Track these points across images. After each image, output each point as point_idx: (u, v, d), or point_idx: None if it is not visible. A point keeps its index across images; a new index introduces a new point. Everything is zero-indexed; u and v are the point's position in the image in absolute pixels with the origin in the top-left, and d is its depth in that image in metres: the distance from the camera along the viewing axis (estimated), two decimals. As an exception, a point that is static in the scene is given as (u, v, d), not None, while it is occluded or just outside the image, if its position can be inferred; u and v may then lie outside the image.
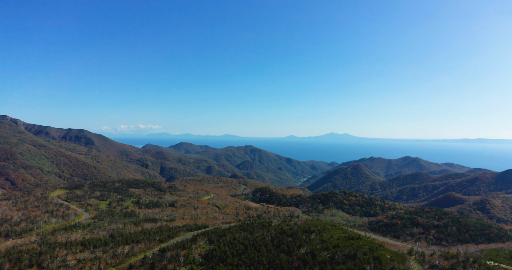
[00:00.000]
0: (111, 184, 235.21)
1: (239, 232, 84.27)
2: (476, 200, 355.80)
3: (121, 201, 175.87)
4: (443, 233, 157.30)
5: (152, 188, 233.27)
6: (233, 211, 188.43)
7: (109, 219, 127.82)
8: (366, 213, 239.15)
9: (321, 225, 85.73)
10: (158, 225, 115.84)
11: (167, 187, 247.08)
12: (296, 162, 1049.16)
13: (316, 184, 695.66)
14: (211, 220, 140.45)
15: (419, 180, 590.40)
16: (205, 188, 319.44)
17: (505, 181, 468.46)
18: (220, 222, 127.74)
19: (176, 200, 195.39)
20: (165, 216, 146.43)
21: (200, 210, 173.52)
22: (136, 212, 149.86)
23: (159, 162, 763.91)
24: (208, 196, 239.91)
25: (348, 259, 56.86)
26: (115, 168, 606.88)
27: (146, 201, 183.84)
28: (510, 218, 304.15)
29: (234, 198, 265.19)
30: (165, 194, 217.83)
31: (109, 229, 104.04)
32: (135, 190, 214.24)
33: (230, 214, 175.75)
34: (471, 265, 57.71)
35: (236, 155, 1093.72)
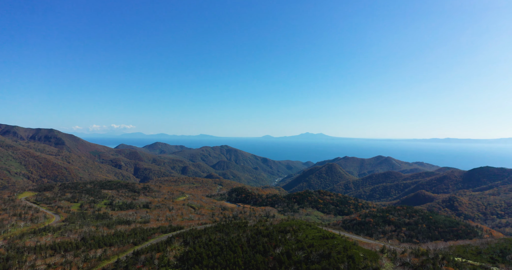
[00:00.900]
0: (82, 185, 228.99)
1: (214, 233, 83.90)
2: (445, 198, 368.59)
3: (93, 203, 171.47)
4: (414, 230, 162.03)
5: (126, 189, 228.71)
6: (209, 212, 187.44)
7: (80, 221, 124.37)
8: (340, 211, 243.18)
9: (296, 225, 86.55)
10: (132, 227, 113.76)
11: (141, 188, 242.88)
12: (272, 161, 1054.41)
13: (292, 184, 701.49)
14: (186, 221, 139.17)
15: (391, 179, 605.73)
16: (180, 189, 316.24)
17: (471, 179, 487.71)
18: (196, 223, 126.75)
19: (150, 201, 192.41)
20: (139, 218, 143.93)
21: (175, 211, 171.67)
22: (109, 214, 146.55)
23: (133, 163, 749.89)
24: (184, 197, 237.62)
25: (323, 259, 57.70)
26: (87, 169, 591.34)
27: (120, 202, 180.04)
28: (477, 215, 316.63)
29: (210, 199, 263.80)
30: (139, 195, 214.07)
31: (81, 232, 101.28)
32: (108, 192, 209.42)
33: (206, 215, 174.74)
34: (440, 262, 59.72)
35: (212, 155, 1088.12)
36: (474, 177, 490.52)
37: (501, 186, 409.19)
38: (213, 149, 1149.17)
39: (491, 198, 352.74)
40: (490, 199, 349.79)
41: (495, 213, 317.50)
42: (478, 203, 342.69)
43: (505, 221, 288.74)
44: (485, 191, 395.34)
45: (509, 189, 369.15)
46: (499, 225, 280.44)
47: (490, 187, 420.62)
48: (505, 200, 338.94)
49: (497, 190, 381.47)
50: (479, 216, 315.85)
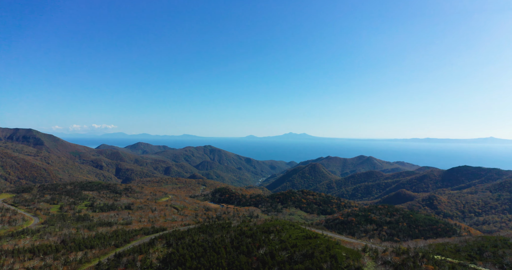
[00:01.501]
0: (62, 186, 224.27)
1: (198, 234, 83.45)
2: (425, 196, 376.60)
3: (74, 205, 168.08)
4: (395, 229, 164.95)
5: (107, 190, 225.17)
6: (192, 213, 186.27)
7: (60, 224, 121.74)
8: (323, 211, 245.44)
9: (280, 225, 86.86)
10: (114, 229, 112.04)
11: (123, 189, 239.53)
12: (255, 162, 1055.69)
13: (275, 184, 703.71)
14: (169, 223, 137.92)
15: (372, 178, 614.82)
16: (163, 190, 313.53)
17: (450, 178, 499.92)
18: (179, 224, 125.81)
19: (132, 202, 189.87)
20: (121, 219, 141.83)
21: (158, 212, 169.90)
22: (90, 216, 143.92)
23: (115, 163, 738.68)
24: (167, 198, 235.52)
25: (306, 258, 58.12)
26: (67, 170, 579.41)
27: (101, 204, 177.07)
28: (456, 213, 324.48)
29: (193, 199, 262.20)
30: (121, 196, 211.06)
31: (61, 234, 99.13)
32: (89, 193, 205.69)
33: (189, 216, 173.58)
34: (420, 260, 60.96)
35: (195, 155, 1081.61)
36: (453, 176, 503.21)
37: (478, 185, 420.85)
38: (197, 149, 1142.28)
39: (469, 197, 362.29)
40: (468, 198, 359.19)
41: (473, 211, 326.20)
42: (456, 201, 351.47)
43: (483, 219, 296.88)
44: (463, 190, 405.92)
45: (486, 188, 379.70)
46: (477, 223, 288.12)
47: (468, 186, 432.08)
48: (482, 198, 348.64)
49: (475, 189, 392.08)
50: (457, 214, 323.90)
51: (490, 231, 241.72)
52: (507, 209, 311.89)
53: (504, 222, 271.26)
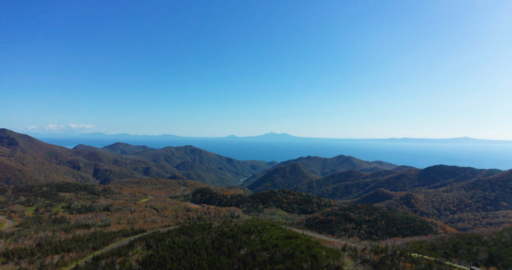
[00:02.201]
0: (38, 188, 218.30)
1: (178, 236, 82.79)
2: (402, 195, 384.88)
3: (50, 207, 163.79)
4: (374, 227, 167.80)
5: (85, 192, 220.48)
6: (173, 214, 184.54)
7: (36, 226, 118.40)
8: (303, 210, 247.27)
9: (261, 225, 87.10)
10: (92, 231, 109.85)
11: (102, 190, 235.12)
12: (236, 161, 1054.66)
13: (256, 183, 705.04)
14: (149, 224, 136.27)
15: (352, 178, 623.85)
16: (142, 190, 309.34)
17: (426, 177, 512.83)
18: (159, 226, 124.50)
19: (111, 203, 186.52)
20: (99, 221, 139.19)
21: (138, 214, 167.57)
22: (67, 218, 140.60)
23: (93, 164, 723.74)
24: (146, 199, 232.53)
25: (287, 258, 58.50)
26: (43, 171, 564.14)
27: (78, 205, 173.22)
28: (432, 211, 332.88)
29: (173, 200, 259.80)
30: (99, 198, 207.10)
31: (36, 237, 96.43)
32: (66, 194, 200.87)
33: (170, 217, 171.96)
34: (398, 258, 62.35)
35: (176, 155, 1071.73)
36: (429, 175, 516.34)
37: (453, 183, 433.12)
38: (177, 149, 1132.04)
39: (445, 195, 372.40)
40: (443, 196, 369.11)
41: (448, 209, 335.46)
42: (432, 200, 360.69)
43: (457, 216, 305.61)
44: (439, 189, 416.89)
45: (461, 187, 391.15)
46: (452, 220, 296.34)
47: (444, 185, 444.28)
48: (457, 196, 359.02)
49: (450, 187, 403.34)
50: (433, 212, 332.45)
51: (464, 229, 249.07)
52: (481, 207, 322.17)
53: (478, 219, 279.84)
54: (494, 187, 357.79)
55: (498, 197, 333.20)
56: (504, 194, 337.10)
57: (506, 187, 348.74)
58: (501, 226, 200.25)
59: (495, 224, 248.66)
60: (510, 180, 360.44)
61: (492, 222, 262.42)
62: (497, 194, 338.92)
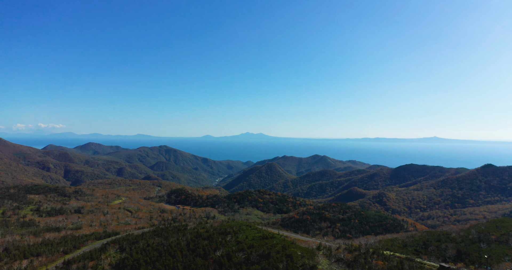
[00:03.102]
0: (5, 190, 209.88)
1: (153, 238, 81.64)
2: (375, 193, 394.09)
3: (18, 209, 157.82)
4: (347, 225, 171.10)
5: (55, 194, 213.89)
6: (147, 215, 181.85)
7: (2, 230, 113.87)
8: (279, 210, 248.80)
9: (237, 226, 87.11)
10: (62, 234, 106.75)
11: (73, 191, 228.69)
12: (212, 162, 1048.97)
13: (232, 184, 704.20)
14: (122, 226, 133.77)
15: (326, 177, 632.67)
16: (116, 192, 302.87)
17: (398, 176, 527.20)
18: (133, 228, 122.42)
19: (83, 205, 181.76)
20: (70, 224, 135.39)
21: (111, 216, 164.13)
22: (36, 221, 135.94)
23: (63, 165, 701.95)
24: (119, 200, 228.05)
25: (263, 259, 58.77)
26: (10, 172, 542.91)
27: (48, 208, 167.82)
28: (403, 209, 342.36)
29: (148, 201, 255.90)
30: (70, 200, 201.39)
31: (3, 242, 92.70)
32: (35, 196, 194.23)
33: (144, 218, 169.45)
34: (371, 256, 63.88)
35: (150, 155, 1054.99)
36: (400, 174, 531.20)
37: (423, 182, 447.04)
38: (151, 149, 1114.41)
39: (415, 193, 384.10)
40: (414, 194, 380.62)
41: (419, 207, 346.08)
42: (404, 198, 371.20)
43: (427, 214, 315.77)
44: (410, 187, 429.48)
45: (431, 185, 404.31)
46: (422, 218, 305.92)
47: (414, 183, 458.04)
48: (427, 194, 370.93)
49: (420, 186, 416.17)
50: (404, 210, 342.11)
51: (434, 226, 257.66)
52: (449, 205, 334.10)
53: (447, 216, 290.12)
54: (461, 185, 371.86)
55: (465, 195, 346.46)
56: (471, 192, 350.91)
57: (472, 185, 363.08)
58: (468, 223, 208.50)
59: (463, 221, 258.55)
60: (476, 179, 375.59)
61: (460, 219, 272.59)
62: (464, 192, 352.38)
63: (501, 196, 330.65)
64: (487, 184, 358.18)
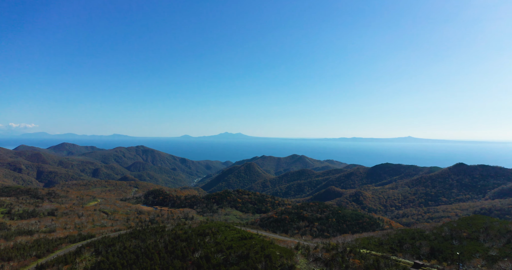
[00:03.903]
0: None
1: (129, 240, 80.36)
2: (352, 192, 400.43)
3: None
4: (325, 224, 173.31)
5: (27, 196, 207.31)
6: (124, 217, 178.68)
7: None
8: (258, 210, 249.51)
9: (215, 227, 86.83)
10: (35, 238, 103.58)
11: (46, 193, 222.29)
12: (190, 162, 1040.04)
13: (211, 184, 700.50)
14: (98, 229, 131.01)
15: (304, 176, 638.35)
16: (91, 193, 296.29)
17: (374, 175, 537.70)
18: (109, 230, 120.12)
19: (56, 208, 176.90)
20: (43, 227, 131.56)
21: (86, 218, 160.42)
22: (7, 224, 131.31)
23: (36, 166, 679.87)
24: (95, 202, 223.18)
25: (241, 260, 58.83)
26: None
27: (20, 210, 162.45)
28: (379, 208, 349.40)
29: (124, 202, 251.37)
30: (43, 202, 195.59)
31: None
32: (6, 199, 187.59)
33: (120, 220, 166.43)
34: (348, 255, 64.94)
35: (127, 156, 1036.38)
36: (376, 173, 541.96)
37: (398, 180, 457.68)
38: (128, 149, 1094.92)
39: (390, 192, 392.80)
40: (389, 193, 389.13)
41: (394, 205, 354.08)
42: (379, 196, 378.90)
43: (402, 212, 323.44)
44: (385, 186, 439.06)
45: (405, 183, 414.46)
46: (397, 216, 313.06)
47: (390, 182, 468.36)
48: (402, 193, 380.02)
49: (395, 185, 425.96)
50: (380, 208, 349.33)
51: (408, 224, 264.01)
52: (423, 203, 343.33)
53: (420, 214, 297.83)
54: (434, 183, 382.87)
55: (438, 193, 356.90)
56: (444, 190, 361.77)
57: (445, 184, 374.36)
58: (441, 221, 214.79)
59: (436, 219, 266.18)
60: (448, 177, 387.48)
61: (433, 216, 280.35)
62: (437, 190, 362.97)
63: (472, 194, 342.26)
64: (458, 183, 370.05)
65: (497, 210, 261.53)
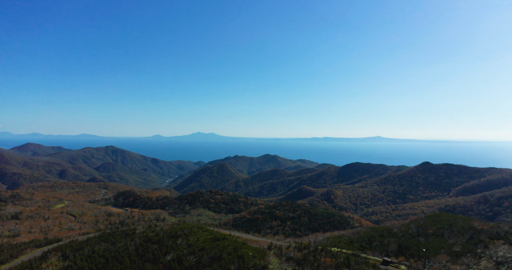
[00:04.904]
0: None
1: (99, 244, 78.38)
2: (323, 191, 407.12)
3: None
4: (297, 223, 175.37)
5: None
6: (92, 219, 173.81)
7: None
8: (231, 210, 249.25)
9: (188, 228, 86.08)
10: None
11: (9, 196, 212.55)
12: (162, 162, 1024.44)
13: (183, 184, 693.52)
14: (65, 232, 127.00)
15: (277, 176, 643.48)
16: (58, 195, 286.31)
17: (344, 174, 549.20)
18: (77, 234, 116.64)
19: (21, 211, 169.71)
20: (6, 231, 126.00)
21: (52, 221, 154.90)
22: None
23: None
24: (62, 204, 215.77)
25: (214, 261, 58.69)
26: None
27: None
28: (349, 206, 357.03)
29: (93, 204, 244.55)
30: (6, 205, 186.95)
31: None
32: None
33: (89, 223, 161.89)
34: (320, 254, 66.18)
35: (96, 156, 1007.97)
36: (347, 172, 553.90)
37: (368, 179, 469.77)
38: (97, 150, 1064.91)
39: (360, 190, 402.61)
40: (359, 191, 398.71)
41: (364, 203, 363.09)
42: (350, 195, 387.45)
43: (371, 210, 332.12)
44: (355, 184, 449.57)
45: (374, 182, 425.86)
46: (367, 213, 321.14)
47: (360, 181, 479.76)
48: (371, 191, 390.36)
49: (365, 183, 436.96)
50: (351, 206, 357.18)
51: (377, 221, 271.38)
52: (391, 200, 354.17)
53: (389, 212, 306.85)
54: (402, 182, 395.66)
55: (405, 191, 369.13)
56: (411, 188, 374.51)
57: (412, 182, 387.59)
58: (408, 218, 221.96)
59: (403, 216, 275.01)
60: (415, 176, 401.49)
61: (401, 214, 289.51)
62: (405, 188, 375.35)
63: (437, 191, 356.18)
64: (425, 181, 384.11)
65: (461, 207, 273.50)
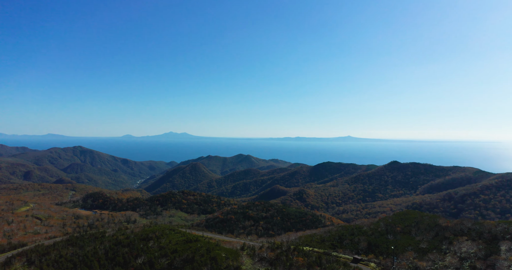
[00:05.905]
0: None
1: (66, 248, 75.93)
2: (296, 191, 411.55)
3: None
4: (270, 223, 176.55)
5: None
6: (60, 222, 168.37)
7: None
8: (203, 210, 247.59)
9: (159, 230, 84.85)
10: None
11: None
12: (133, 163, 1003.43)
13: (155, 185, 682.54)
14: (31, 236, 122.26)
15: (250, 176, 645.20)
16: (22, 198, 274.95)
17: (316, 173, 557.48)
18: (43, 238, 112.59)
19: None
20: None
21: (16, 225, 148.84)
22: None
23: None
24: (27, 207, 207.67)
25: (187, 263, 58.21)
26: None
27: None
28: (321, 205, 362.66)
29: (60, 207, 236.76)
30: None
31: None
32: None
33: (56, 226, 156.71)
34: (292, 253, 67.03)
35: (63, 157, 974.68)
36: (318, 171, 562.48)
37: (339, 178, 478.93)
38: (64, 150, 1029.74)
39: (332, 189, 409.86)
40: (331, 190, 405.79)
41: (335, 202, 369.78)
42: (321, 194, 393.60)
43: (342, 208, 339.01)
44: (327, 183, 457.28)
45: (345, 181, 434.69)
46: (338, 212, 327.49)
47: (331, 180, 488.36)
48: (342, 190, 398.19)
49: (336, 182, 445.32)
50: (322, 205, 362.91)
51: (348, 219, 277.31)
52: (361, 199, 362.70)
53: (359, 210, 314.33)
54: (371, 180, 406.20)
55: (375, 190, 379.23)
56: (380, 186, 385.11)
57: (381, 181, 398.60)
58: (377, 216, 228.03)
59: (373, 214, 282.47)
60: (384, 174, 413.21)
61: (370, 212, 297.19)
62: (374, 187, 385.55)
63: (405, 189, 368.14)
64: (393, 179, 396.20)
65: (427, 204, 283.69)
